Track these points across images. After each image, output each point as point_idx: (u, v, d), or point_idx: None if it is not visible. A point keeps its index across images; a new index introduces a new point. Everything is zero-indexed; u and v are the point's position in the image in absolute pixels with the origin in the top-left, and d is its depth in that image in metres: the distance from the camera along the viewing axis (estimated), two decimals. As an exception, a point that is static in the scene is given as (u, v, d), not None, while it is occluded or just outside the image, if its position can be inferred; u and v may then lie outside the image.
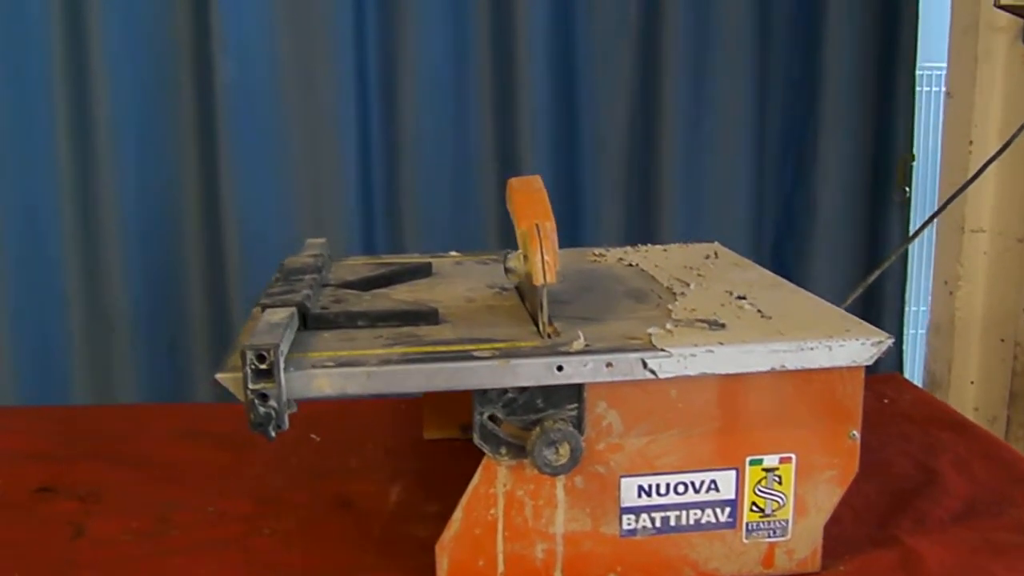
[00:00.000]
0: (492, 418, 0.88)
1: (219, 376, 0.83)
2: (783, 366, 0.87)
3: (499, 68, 1.96)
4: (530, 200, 0.96)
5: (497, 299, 1.04)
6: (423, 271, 1.16)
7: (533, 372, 0.85)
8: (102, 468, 1.24)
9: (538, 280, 0.89)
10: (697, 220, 2.07)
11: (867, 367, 0.90)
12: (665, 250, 1.30)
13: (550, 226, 0.91)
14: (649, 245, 1.33)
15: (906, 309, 2.23)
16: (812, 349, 0.87)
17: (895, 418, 1.35)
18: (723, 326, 0.92)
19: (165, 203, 1.96)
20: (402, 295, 1.07)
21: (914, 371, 2.36)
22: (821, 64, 2.04)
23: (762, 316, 0.96)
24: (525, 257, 0.92)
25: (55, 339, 1.99)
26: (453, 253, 1.30)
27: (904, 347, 2.24)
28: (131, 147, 1.92)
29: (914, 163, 2.13)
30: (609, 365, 0.85)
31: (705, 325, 0.92)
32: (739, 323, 0.93)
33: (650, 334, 0.89)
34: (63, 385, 2.01)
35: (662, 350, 0.85)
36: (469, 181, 2.03)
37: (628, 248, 1.31)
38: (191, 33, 1.88)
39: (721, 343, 0.87)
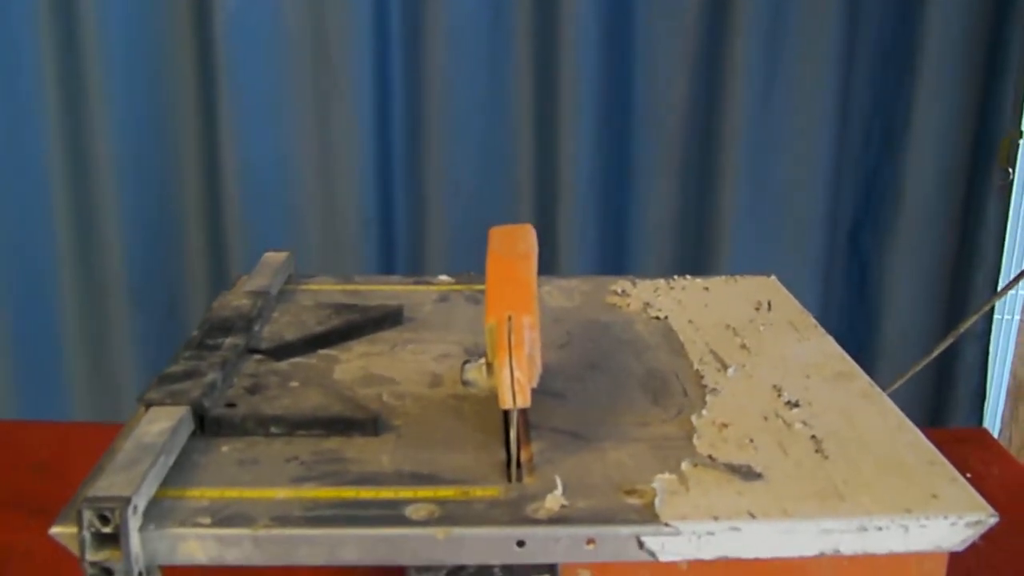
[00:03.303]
0: (433, 586, 0.65)
1: (54, 531, 0.60)
2: (836, 551, 0.62)
3: (540, 16, 1.68)
4: (507, 275, 0.71)
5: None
6: (391, 319, 0.92)
7: (483, 548, 0.61)
8: (17, 524, 1.03)
9: (506, 404, 0.65)
10: (763, 199, 1.78)
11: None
12: (707, 288, 1.04)
13: (528, 321, 0.66)
14: (687, 279, 1.06)
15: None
16: (880, 529, 0.62)
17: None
18: (759, 476, 0.66)
19: (162, 162, 1.75)
20: (351, 367, 0.83)
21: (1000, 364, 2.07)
22: (921, 23, 1.72)
23: (817, 450, 0.70)
24: (489, 367, 0.67)
25: (47, 305, 1.81)
26: (442, 278, 1.06)
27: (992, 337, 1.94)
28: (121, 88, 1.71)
29: (1022, 141, 1.81)
30: (590, 542, 0.61)
31: (735, 474, 0.67)
32: (783, 465, 0.68)
33: (655, 489, 0.64)
34: (56, 355, 1.84)
35: (666, 524, 0.61)
36: (501, 140, 1.77)
37: (661, 283, 1.05)
38: None
39: (752, 515, 0.62)
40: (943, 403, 1.90)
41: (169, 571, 0.62)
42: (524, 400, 0.65)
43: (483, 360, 0.68)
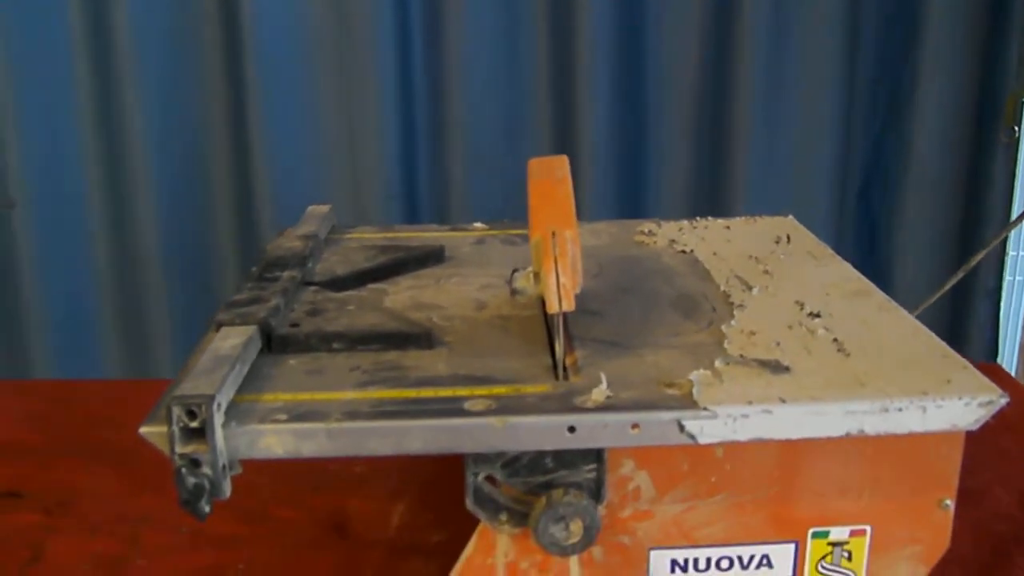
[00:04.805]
0: (489, 479, 0.70)
1: (143, 430, 0.66)
2: (861, 431, 0.68)
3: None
4: (548, 196, 0.77)
5: (512, 306, 0.86)
6: (434, 257, 0.97)
7: (537, 435, 0.67)
8: (79, 467, 1.11)
9: (552, 308, 0.71)
10: (774, 162, 1.84)
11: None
12: (728, 227, 1.10)
13: (570, 235, 0.72)
14: (709, 219, 1.12)
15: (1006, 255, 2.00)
16: (900, 410, 0.68)
17: (992, 429, 1.13)
18: (787, 369, 0.72)
19: (192, 140, 1.81)
20: (400, 297, 0.89)
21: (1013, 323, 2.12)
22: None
23: (839, 350, 0.76)
24: (536, 276, 0.73)
25: (84, 282, 1.88)
26: (477, 225, 1.11)
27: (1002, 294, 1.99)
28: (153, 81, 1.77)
29: (1027, 99, 1.86)
30: (635, 427, 0.66)
31: (764, 368, 0.72)
32: (808, 362, 0.73)
33: (692, 381, 0.70)
34: (92, 330, 1.90)
35: (704, 409, 0.66)
36: (520, 108, 1.83)
37: (684, 224, 1.11)
38: None
39: (783, 400, 0.67)
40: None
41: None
42: (569, 304, 0.70)
43: (531, 269, 0.74)
